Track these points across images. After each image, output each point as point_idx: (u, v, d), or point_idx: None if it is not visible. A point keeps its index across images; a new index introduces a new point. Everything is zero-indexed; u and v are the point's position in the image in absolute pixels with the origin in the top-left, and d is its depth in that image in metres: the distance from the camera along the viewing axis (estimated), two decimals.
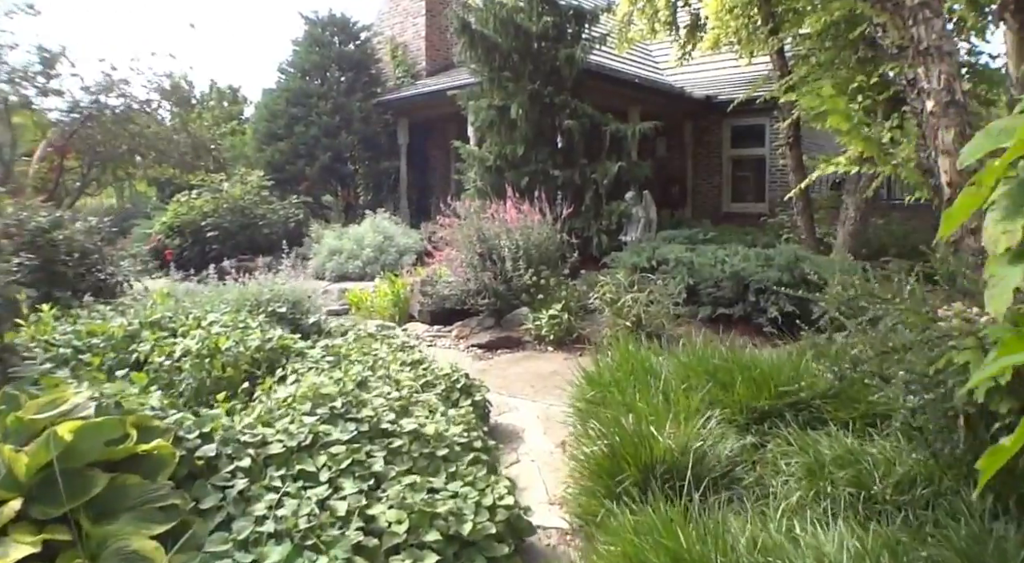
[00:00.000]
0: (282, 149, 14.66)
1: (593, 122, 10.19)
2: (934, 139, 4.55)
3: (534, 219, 7.89)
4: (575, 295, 7.44)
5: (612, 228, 9.73)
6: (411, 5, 16.88)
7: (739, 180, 16.87)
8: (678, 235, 9.11)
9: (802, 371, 4.00)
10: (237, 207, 13.29)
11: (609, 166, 9.83)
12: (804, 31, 10.40)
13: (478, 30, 9.98)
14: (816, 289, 7.38)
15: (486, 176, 10.26)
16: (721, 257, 7.85)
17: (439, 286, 7.70)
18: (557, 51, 10.24)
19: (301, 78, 15.44)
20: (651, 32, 13.60)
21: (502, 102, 10.07)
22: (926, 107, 4.56)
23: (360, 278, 11.01)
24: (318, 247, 11.86)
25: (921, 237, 11.28)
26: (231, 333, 4.18)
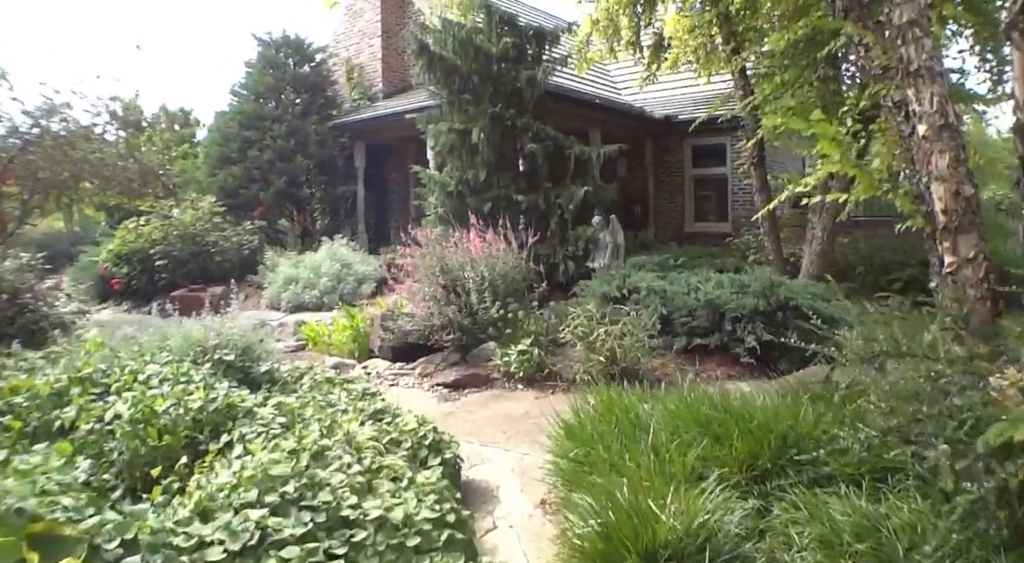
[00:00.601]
0: (235, 173, 14.13)
1: (556, 145, 9.89)
2: (926, 164, 4.30)
3: (499, 248, 7.54)
4: (545, 328, 7.09)
5: (579, 254, 9.41)
6: (367, 26, 16.53)
7: (701, 200, 16.71)
8: (648, 261, 8.83)
9: (801, 419, 3.68)
10: (188, 234, 12.76)
11: (574, 190, 9.52)
12: (766, 50, 10.27)
13: (436, 52, 9.64)
14: (796, 315, 7.19)
15: (447, 202, 9.89)
16: (694, 284, 7.58)
17: (401, 321, 7.30)
18: (518, 73, 9.95)
19: (255, 101, 14.95)
20: (610, 53, 13.42)
21: (463, 125, 9.73)
22: (917, 131, 4.31)
23: (317, 308, 10.57)
24: (273, 276, 11.38)
25: (887, 255, 11.20)
26: (171, 390, 3.75)
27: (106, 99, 12.12)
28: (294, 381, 5.17)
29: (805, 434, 3.53)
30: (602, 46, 12.43)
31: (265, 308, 11.18)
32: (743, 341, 6.80)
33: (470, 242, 7.33)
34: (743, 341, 6.80)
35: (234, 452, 3.09)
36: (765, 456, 3.41)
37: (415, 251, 7.51)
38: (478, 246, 7.28)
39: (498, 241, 7.62)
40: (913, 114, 4.34)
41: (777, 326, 6.83)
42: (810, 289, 7.50)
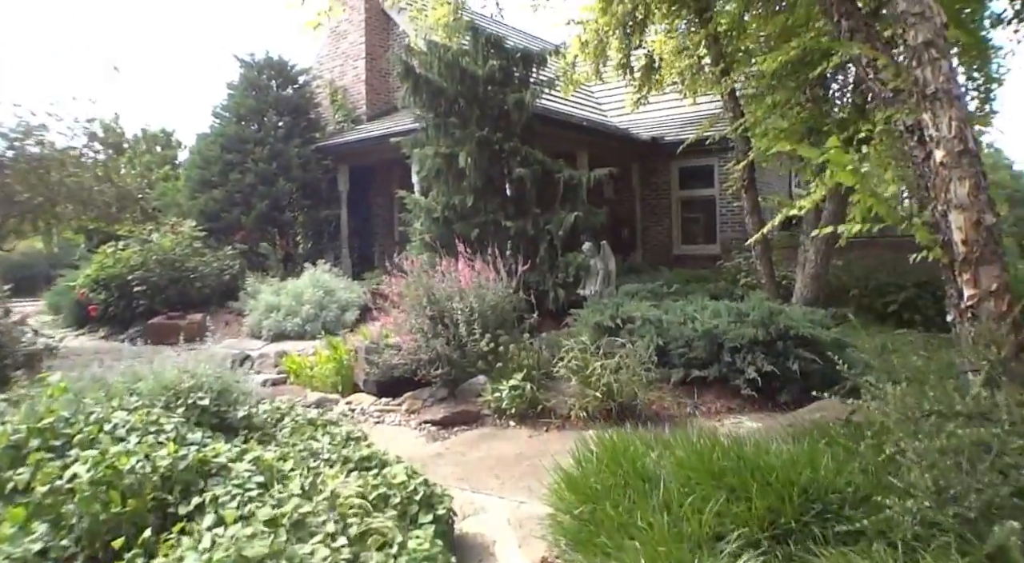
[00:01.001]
0: (216, 197, 13.83)
1: (545, 169, 9.67)
2: (944, 192, 4.07)
3: (488, 277, 7.27)
4: (537, 361, 6.81)
5: (569, 281, 9.17)
6: (351, 48, 16.34)
7: (689, 222, 16.55)
8: (641, 289, 8.58)
9: (823, 469, 3.41)
10: (167, 259, 12.40)
11: (564, 215, 9.29)
12: (754, 71, 10.10)
13: (422, 74, 9.42)
14: (797, 344, 6.96)
15: (433, 227, 9.62)
16: (691, 313, 7.33)
17: (386, 355, 6.98)
18: (505, 95, 9.74)
19: (237, 123, 14.68)
20: (596, 74, 13.27)
21: (449, 149, 9.49)
22: (934, 157, 4.08)
23: (300, 337, 10.25)
24: (254, 303, 11.05)
25: (881, 277, 11.02)
26: (138, 444, 3.44)
27: (83, 121, 11.78)
28: (274, 424, 4.85)
29: (828, 485, 3.27)
30: (588, 68, 12.27)
31: (246, 336, 10.84)
32: (743, 372, 6.56)
33: (459, 272, 7.05)
34: (743, 372, 6.56)
35: (205, 521, 2.77)
36: (787, 512, 3.14)
37: (401, 281, 7.23)
38: (467, 276, 7.01)
39: (487, 270, 7.35)
40: (930, 139, 4.12)
41: (777, 356, 6.60)
42: (809, 316, 7.27)
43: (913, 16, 4.17)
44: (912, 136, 4.40)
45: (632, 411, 6.13)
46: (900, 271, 10.89)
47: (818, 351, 6.71)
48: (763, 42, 10.24)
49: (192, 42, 69.35)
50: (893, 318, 10.42)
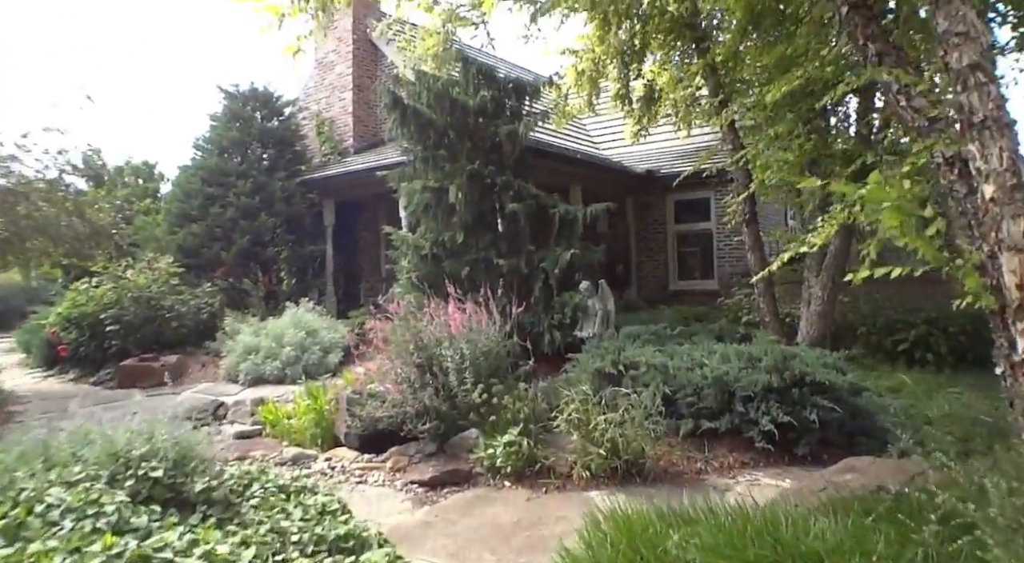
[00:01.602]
0: (196, 232, 13.29)
1: (539, 204, 9.20)
2: (994, 231, 3.59)
3: (481, 321, 6.76)
4: (533, 411, 6.27)
5: (566, 322, 8.65)
6: (338, 80, 15.97)
7: (685, 256, 16.15)
8: (643, 331, 8.07)
9: (876, 556, 2.89)
10: (143, 297, 11.84)
11: (559, 253, 8.80)
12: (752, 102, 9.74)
13: (410, 105, 8.98)
14: (814, 391, 6.46)
15: (421, 265, 9.12)
16: (699, 359, 6.83)
17: (369, 406, 6.41)
18: (497, 127, 9.30)
19: (219, 155, 14.19)
20: (588, 107, 12.96)
21: (438, 183, 9.03)
22: (982, 192, 3.60)
23: (279, 381, 9.69)
24: (232, 344, 10.48)
25: (890, 314, 10.55)
26: (70, 533, 2.89)
27: (54, 152, 11.25)
28: (240, 492, 4.28)
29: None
30: (581, 99, 11.91)
31: (223, 380, 10.26)
32: (757, 423, 6.04)
33: (449, 316, 6.53)
34: (757, 423, 6.04)
35: None
36: None
37: (386, 325, 6.71)
38: (458, 320, 6.49)
39: (479, 312, 6.84)
40: (976, 172, 3.65)
41: (793, 404, 6.10)
42: (823, 359, 6.79)
43: (957, 36, 3.72)
44: (952, 169, 3.95)
45: (639, 469, 5.60)
46: (909, 308, 10.46)
47: (835, 397, 6.22)
48: (760, 73, 9.91)
49: (179, 73, 69.20)
50: (903, 357, 9.98)
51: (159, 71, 66.24)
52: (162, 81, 65.74)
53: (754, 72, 9.85)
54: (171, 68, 66.51)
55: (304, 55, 7.35)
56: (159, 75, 66.14)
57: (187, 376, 10.75)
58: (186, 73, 67.49)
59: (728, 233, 14.66)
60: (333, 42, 16.09)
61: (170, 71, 58.90)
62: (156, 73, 66.25)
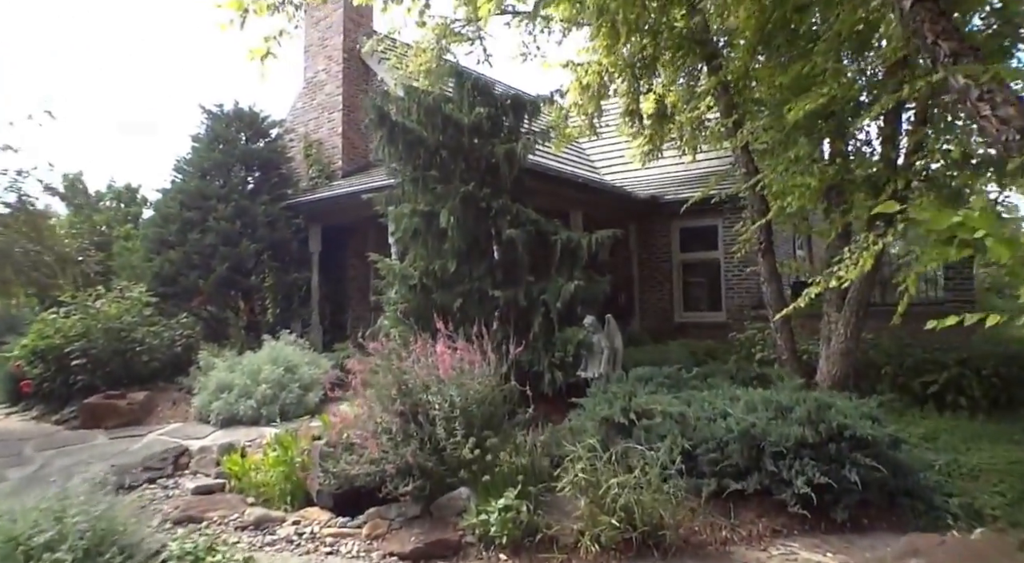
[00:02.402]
0: (173, 258, 12.43)
1: (539, 230, 8.41)
2: None
3: (473, 361, 5.95)
4: (533, 468, 5.45)
5: (568, 361, 7.81)
6: (327, 100, 15.27)
7: (691, 287, 15.38)
8: (656, 374, 7.21)
9: None
10: (113, 329, 10.99)
11: (561, 284, 7.99)
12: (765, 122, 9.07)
13: (399, 122, 8.19)
14: (853, 446, 5.65)
15: (409, 297, 8.30)
16: (721, 408, 6.01)
17: (343, 462, 5.56)
18: (494, 147, 8.55)
19: (200, 178, 13.38)
20: (590, 129, 12.36)
21: (428, 207, 8.24)
22: None
23: (254, 422, 8.84)
24: (205, 380, 9.63)
25: (919, 353, 9.72)
26: None
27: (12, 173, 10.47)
28: None
29: None
30: (583, 121, 11.25)
31: (193, 419, 9.40)
32: (790, 484, 5.24)
33: (437, 356, 5.70)
34: (790, 484, 5.24)
35: None
36: None
37: (366, 366, 5.90)
38: (448, 362, 5.65)
39: (472, 352, 6.03)
40: None
41: (830, 461, 5.31)
42: (860, 408, 5.99)
43: None
44: None
45: (657, 541, 4.77)
46: (938, 347, 9.67)
47: (875, 452, 5.44)
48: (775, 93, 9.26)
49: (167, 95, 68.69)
50: (933, 400, 9.17)
51: (147, 93, 65.78)
52: (151, 103, 65.26)
53: (769, 92, 9.18)
54: (160, 90, 66.05)
55: (276, 61, 6.57)
56: (147, 97, 65.65)
57: (156, 415, 9.88)
58: (175, 95, 67.04)
59: (737, 263, 13.93)
60: (323, 61, 15.43)
61: (158, 93, 58.26)
62: (144, 95, 65.79)
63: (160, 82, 66.67)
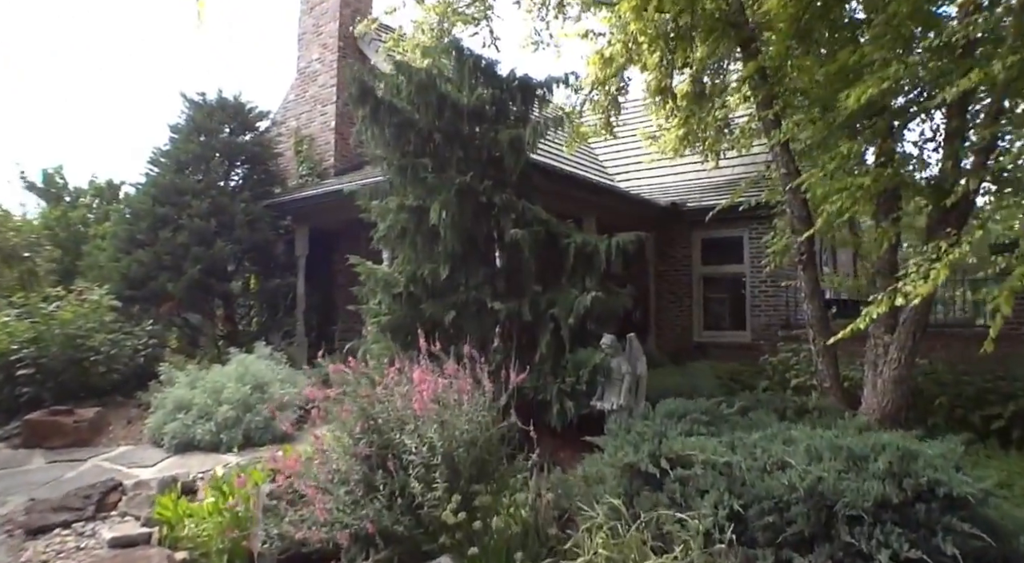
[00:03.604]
0: (142, 259, 11.15)
1: (549, 231, 7.13)
2: None
3: (464, 389, 4.67)
4: (536, 531, 4.17)
5: (580, 388, 6.51)
6: (320, 91, 14.07)
7: (712, 303, 14.09)
8: (689, 407, 5.82)
9: None
10: (68, 335, 9.75)
11: (575, 296, 6.69)
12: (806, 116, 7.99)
13: (385, 99, 6.94)
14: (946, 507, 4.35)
15: (394, 308, 7.03)
16: (777, 455, 4.70)
17: (287, 523, 4.27)
18: (497, 133, 7.31)
19: (176, 171, 12.13)
20: (605, 128, 11.23)
21: (418, 202, 6.97)
22: None
23: (213, 448, 7.63)
24: (162, 397, 8.39)
25: (979, 382, 8.45)
26: None
27: None
28: None
29: None
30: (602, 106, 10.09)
31: (147, 442, 8.16)
32: (870, 558, 3.94)
33: (416, 385, 4.39)
34: (870, 558, 3.94)
35: None
36: None
37: (323, 392, 4.64)
38: (428, 392, 4.34)
39: (463, 378, 4.76)
40: None
41: (918, 527, 4.02)
42: (949, 455, 4.68)
43: None
44: None
45: None
46: (1000, 375, 8.43)
47: (969, 514, 4.16)
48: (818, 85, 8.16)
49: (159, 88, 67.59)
50: (997, 436, 7.91)
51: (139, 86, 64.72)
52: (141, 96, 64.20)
53: (812, 83, 8.04)
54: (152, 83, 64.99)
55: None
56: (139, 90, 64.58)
57: (105, 435, 8.62)
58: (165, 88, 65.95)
59: (765, 277, 12.65)
60: (317, 49, 14.25)
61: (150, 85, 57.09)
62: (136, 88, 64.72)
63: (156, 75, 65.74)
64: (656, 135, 13.68)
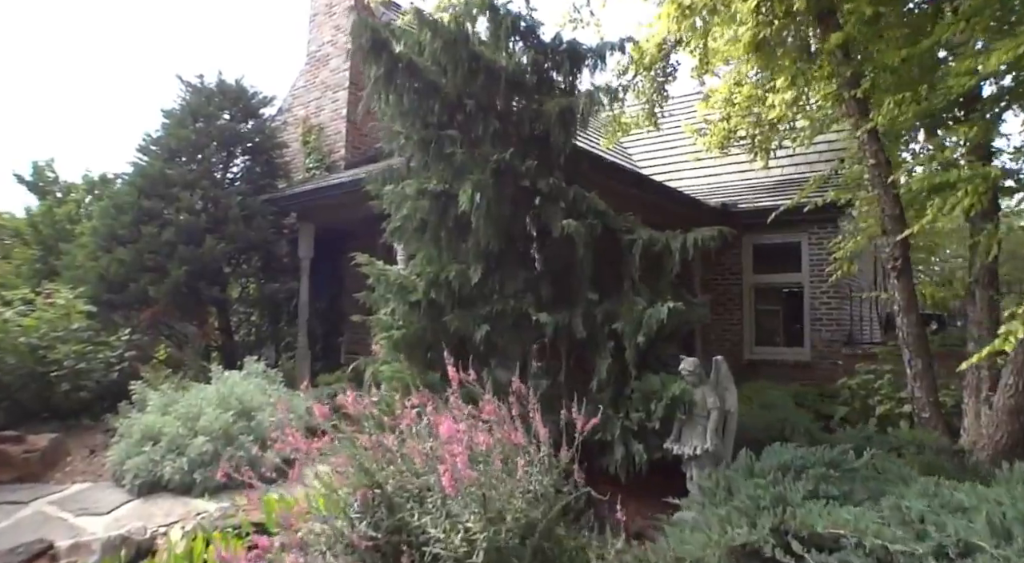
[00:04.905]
0: (123, 258, 9.67)
1: (607, 226, 5.64)
2: None
3: (512, 440, 3.20)
4: None
5: (652, 427, 5.02)
6: (332, 77, 12.67)
7: (765, 316, 12.56)
8: (811, 459, 4.21)
9: None
10: (28, 346, 8.33)
11: (641, 306, 5.21)
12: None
13: (405, 55, 5.48)
14: None
15: (411, 319, 5.54)
16: (955, 533, 3.20)
17: None
18: (542, 105, 5.87)
19: (166, 160, 10.68)
20: (649, 119, 9.97)
21: (442, 185, 5.51)
22: None
23: (185, 489, 6.17)
24: (127, 424, 6.95)
25: None
26: None
27: None
28: None
29: None
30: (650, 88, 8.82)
31: (108, 479, 6.71)
32: None
33: (445, 443, 2.90)
34: None
35: None
36: None
37: (307, 444, 3.18)
38: (462, 459, 2.83)
39: (507, 422, 3.29)
40: None
41: None
42: None
43: None
44: None
45: None
46: None
47: None
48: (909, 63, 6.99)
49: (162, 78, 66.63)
50: None
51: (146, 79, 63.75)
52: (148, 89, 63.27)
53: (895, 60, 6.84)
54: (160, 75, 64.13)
55: None
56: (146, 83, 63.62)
57: (61, 469, 7.15)
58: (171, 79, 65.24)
59: (828, 287, 11.18)
60: (329, 31, 12.85)
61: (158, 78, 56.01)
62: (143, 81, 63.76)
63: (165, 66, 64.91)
64: (702, 130, 12.41)
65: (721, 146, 12.31)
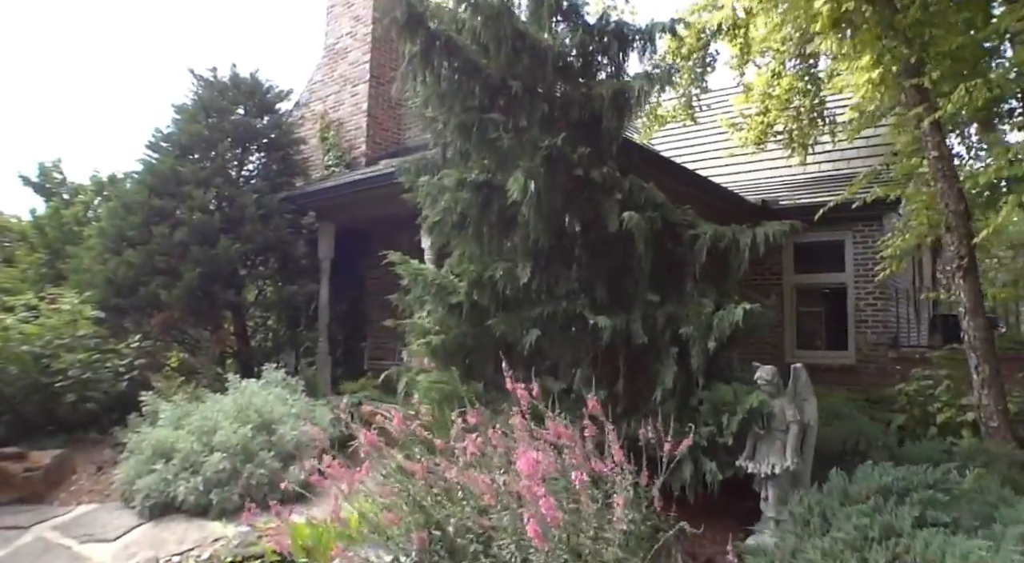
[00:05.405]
0: (132, 260, 9.13)
1: (666, 220, 5.07)
2: None
3: (597, 470, 2.65)
4: None
5: (725, 443, 4.45)
6: (351, 70, 12.14)
7: (806, 318, 11.96)
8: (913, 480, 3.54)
9: None
10: (31, 354, 7.84)
11: (709, 308, 4.66)
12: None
13: (443, 31, 4.94)
14: None
15: (450, 323, 4.99)
16: None
17: None
18: (591, 89, 5.33)
19: (178, 156, 10.16)
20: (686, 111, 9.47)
21: (485, 175, 4.97)
22: None
23: (200, 512, 5.68)
24: (137, 439, 6.43)
25: None
26: None
27: None
28: None
29: None
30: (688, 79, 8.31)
31: (117, 499, 6.21)
32: None
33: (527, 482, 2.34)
34: None
35: None
36: None
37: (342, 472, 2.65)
38: (550, 508, 2.25)
39: (582, 450, 2.74)
40: None
41: None
42: None
43: None
44: None
45: None
46: None
47: None
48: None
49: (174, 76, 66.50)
50: None
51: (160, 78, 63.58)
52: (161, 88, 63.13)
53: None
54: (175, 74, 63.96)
55: None
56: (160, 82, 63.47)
57: (66, 487, 6.66)
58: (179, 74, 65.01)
59: (874, 288, 10.61)
60: (348, 22, 12.32)
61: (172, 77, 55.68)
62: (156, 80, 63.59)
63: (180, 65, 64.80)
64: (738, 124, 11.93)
65: (759, 141, 11.80)
